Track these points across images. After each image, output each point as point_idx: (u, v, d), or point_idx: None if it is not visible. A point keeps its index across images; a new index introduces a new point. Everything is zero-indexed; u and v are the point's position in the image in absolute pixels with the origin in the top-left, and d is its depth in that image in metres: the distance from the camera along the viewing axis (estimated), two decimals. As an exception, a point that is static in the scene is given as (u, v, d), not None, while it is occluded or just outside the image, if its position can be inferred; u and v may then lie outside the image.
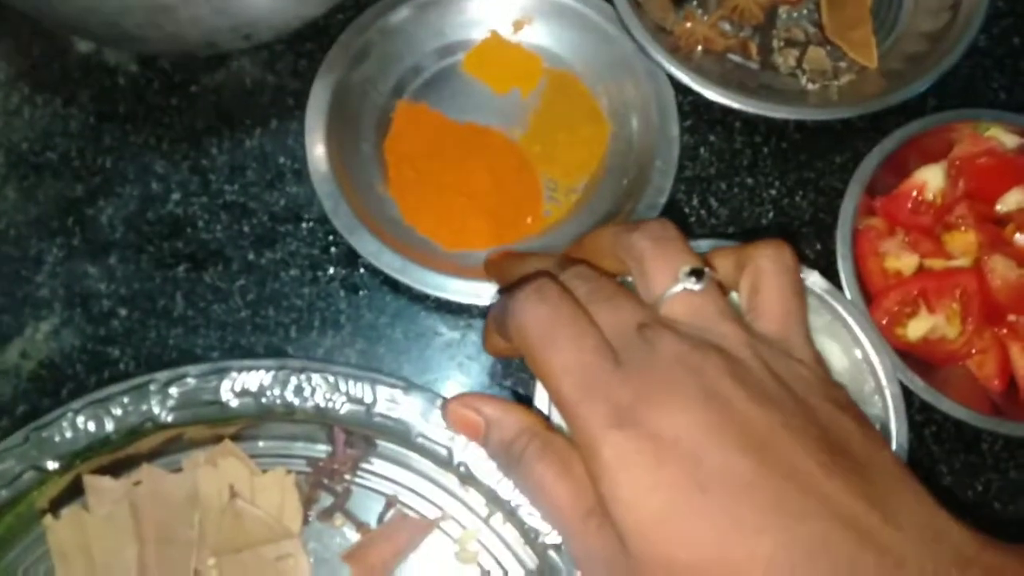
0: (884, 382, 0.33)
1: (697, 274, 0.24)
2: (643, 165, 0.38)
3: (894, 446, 0.32)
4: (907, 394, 0.33)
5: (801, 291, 0.26)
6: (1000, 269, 0.34)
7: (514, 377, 0.37)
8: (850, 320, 0.33)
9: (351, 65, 0.39)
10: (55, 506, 0.34)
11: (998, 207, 0.37)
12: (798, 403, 0.23)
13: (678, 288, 0.24)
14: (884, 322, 0.36)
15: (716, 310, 0.24)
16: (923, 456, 0.37)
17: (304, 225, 0.39)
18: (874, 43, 0.42)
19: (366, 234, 0.36)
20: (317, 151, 0.37)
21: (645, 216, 0.36)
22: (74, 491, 0.34)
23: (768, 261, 0.26)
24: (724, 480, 0.21)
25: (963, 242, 0.36)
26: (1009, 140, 0.37)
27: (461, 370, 0.38)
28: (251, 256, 0.39)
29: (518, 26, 0.41)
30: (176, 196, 0.40)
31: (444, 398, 0.35)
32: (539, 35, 0.41)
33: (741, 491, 0.21)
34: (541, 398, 0.31)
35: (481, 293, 0.36)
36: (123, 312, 0.38)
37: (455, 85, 0.41)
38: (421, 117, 0.40)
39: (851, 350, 0.33)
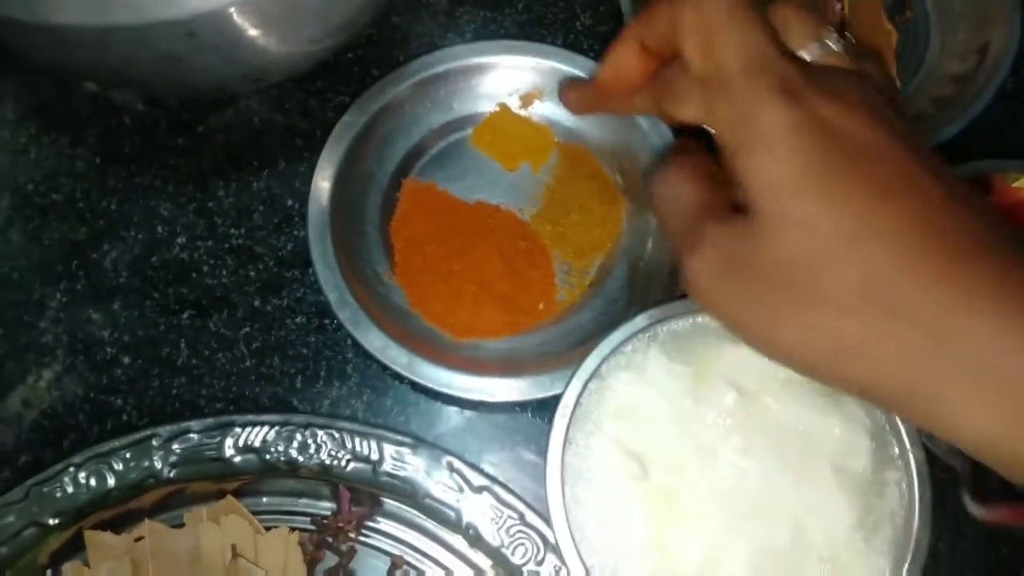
0: (908, 445, 0.32)
1: (837, 37, 0.26)
2: (659, 245, 0.37)
3: (917, 510, 0.31)
4: (930, 455, 0.32)
5: None
6: None
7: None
8: (873, 382, 0.32)
9: (354, 147, 0.37)
10: (56, 560, 0.34)
11: (1028, 262, 0.36)
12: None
13: (816, 45, 0.26)
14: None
15: (849, 69, 0.25)
16: (946, 518, 0.36)
17: (311, 270, 0.38)
18: (899, 84, 0.41)
19: (372, 327, 0.34)
20: (321, 247, 0.36)
21: (661, 300, 0.34)
22: (75, 545, 0.34)
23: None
24: (877, 155, 0.22)
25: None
26: (1040, 193, 0.36)
27: (469, 424, 0.37)
28: (257, 303, 0.38)
29: (527, 100, 0.40)
30: (181, 240, 0.39)
31: (452, 454, 0.34)
32: (550, 109, 0.40)
33: (894, 169, 0.22)
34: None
35: (488, 388, 0.34)
36: (126, 360, 0.37)
37: (464, 161, 0.40)
38: (428, 196, 0.39)
39: (873, 412, 0.32)
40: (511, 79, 0.40)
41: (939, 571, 0.35)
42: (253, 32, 0.31)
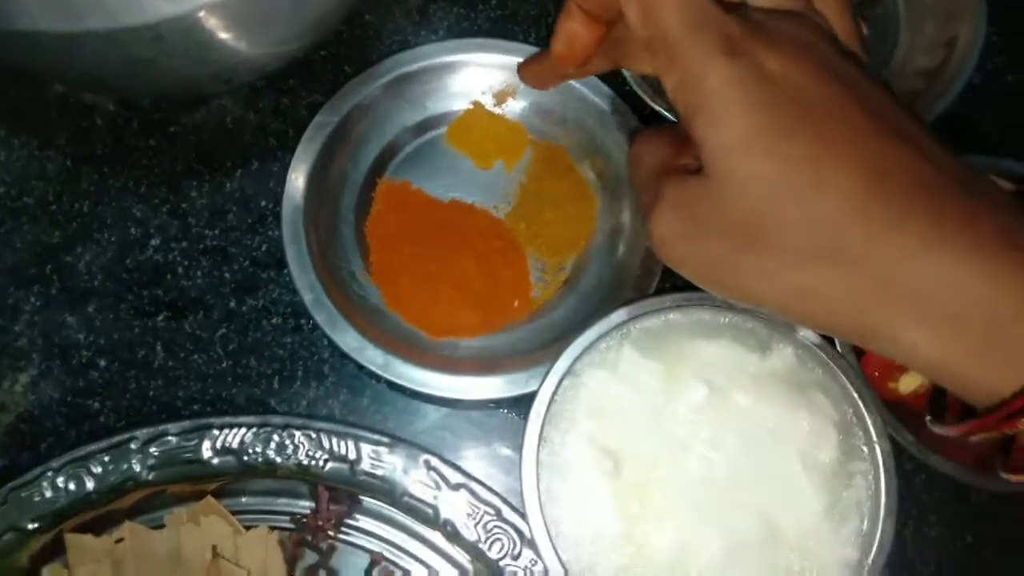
0: (874, 437, 0.32)
1: None
2: (633, 243, 0.37)
3: (883, 500, 0.32)
4: (896, 446, 0.33)
5: None
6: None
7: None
8: (841, 375, 0.33)
9: (328, 147, 0.37)
10: (36, 563, 0.34)
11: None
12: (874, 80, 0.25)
13: None
14: (876, 375, 0.35)
15: (802, 5, 0.25)
16: (912, 505, 0.37)
17: (286, 271, 0.38)
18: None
19: (348, 328, 0.35)
20: (296, 247, 0.36)
21: (634, 298, 0.34)
22: (56, 548, 0.34)
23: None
24: (823, 106, 0.23)
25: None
26: (1003, 187, 0.37)
27: (446, 421, 0.37)
28: (232, 304, 0.38)
29: (501, 98, 0.40)
30: (155, 241, 0.39)
31: (430, 452, 0.35)
32: (523, 107, 0.40)
33: (837, 117, 0.23)
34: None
35: (464, 387, 0.35)
36: (102, 363, 0.37)
37: (438, 160, 0.40)
38: (403, 195, 0.39)
39: (841, 405, 0.33)
40: (484, 77, 0.40)
41: (905, 557, 0.36)
42: (222, 35, 0.31)
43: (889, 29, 0.43)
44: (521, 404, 0.37)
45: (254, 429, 0.34)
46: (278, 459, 0.34)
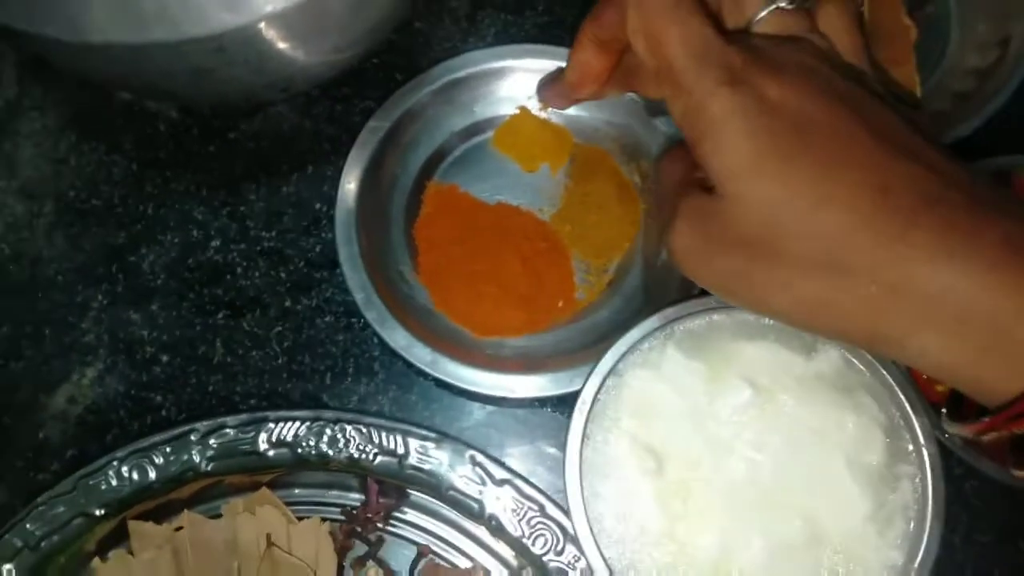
0: (922, 441, 0.32)
1: None
2: None
3: (930, 504, 0.31)
4: (944, 450, 0.32)
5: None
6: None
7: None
8: (888, 377, 0.33)
9: (379, 152, 0.39)
10: (103, 548, 0.36)
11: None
12: (880, 97, 0.25)
13: (772, 7, 0.26)
14: (924, 378, 0.35)
15: (806, 27, 0.26)
16: (962, 511, 0.36)
17: (339, 271, 0.40)
18: (918, 81, 0.40)
19: (397, 326, 0.36)
20: (348, 248, 0.37)
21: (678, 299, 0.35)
22: (120, 534, 0.36)
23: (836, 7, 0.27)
24: (826, 129, 0.23)
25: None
26: (1056, 188, 0.36)
27: (491, 419, 0.38)
28: (288, 303, 0.40)
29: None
30: (216, 243, 0.41)
31: (475, 448, 0.35)
32: (568, 111, 0.41)
33: (841, 139, 0.23)
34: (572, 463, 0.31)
35: (509, 385, 0.35)
36: (165, 358, 0.39)
37: (485, 164, 0.41)
38: (451, 198, 0.40)
39: (888, 407, 0.33)
40: (531, 82, 0.40)
41: (955, 563, 0.36)
42: (280, 45, 0.33)
43: (940, 28, 0.42)
44: (565, 403, 0.37)
45: (308, 423, 0.35)
46: (330, 452, 0.35)
